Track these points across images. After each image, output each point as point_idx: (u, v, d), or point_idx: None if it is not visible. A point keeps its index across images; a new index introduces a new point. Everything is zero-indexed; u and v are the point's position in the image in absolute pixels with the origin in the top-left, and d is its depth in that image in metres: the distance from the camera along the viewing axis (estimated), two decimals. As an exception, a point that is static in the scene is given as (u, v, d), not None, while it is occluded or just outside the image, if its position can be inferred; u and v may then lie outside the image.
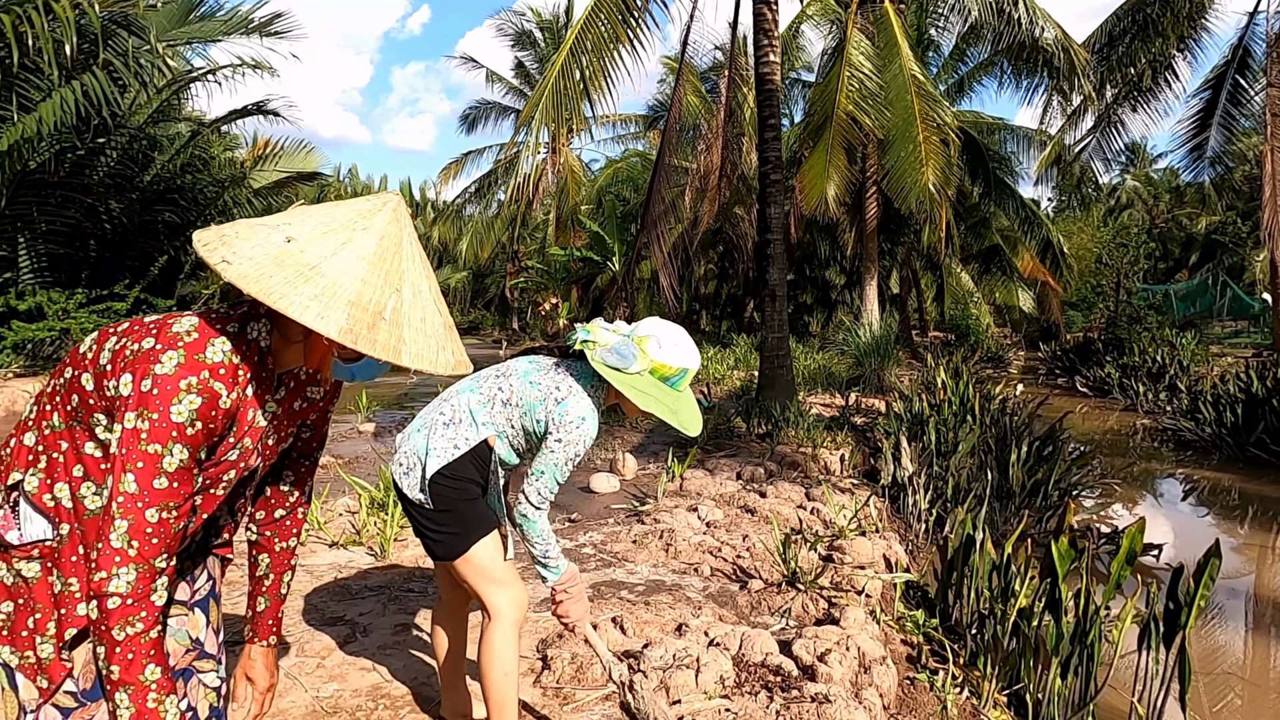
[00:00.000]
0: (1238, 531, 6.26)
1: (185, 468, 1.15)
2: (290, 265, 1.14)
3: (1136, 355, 14.13)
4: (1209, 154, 14.90)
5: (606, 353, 2.02)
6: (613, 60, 8.35)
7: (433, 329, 1.24)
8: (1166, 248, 35.61)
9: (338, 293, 1.14)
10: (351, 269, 1.17)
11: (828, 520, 4.77)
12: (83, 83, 10.05)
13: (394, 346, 1.17)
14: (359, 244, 1.20)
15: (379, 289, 1.18)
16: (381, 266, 1.20)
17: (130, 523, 1.11)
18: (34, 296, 11.19)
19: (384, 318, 1.17)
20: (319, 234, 1.19)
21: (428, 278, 1.28)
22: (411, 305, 1.22)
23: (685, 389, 2.12)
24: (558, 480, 2.03)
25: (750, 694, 2.64)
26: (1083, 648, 2.98)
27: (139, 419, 1.12)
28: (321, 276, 1.15)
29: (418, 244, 1.29)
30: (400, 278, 1.22)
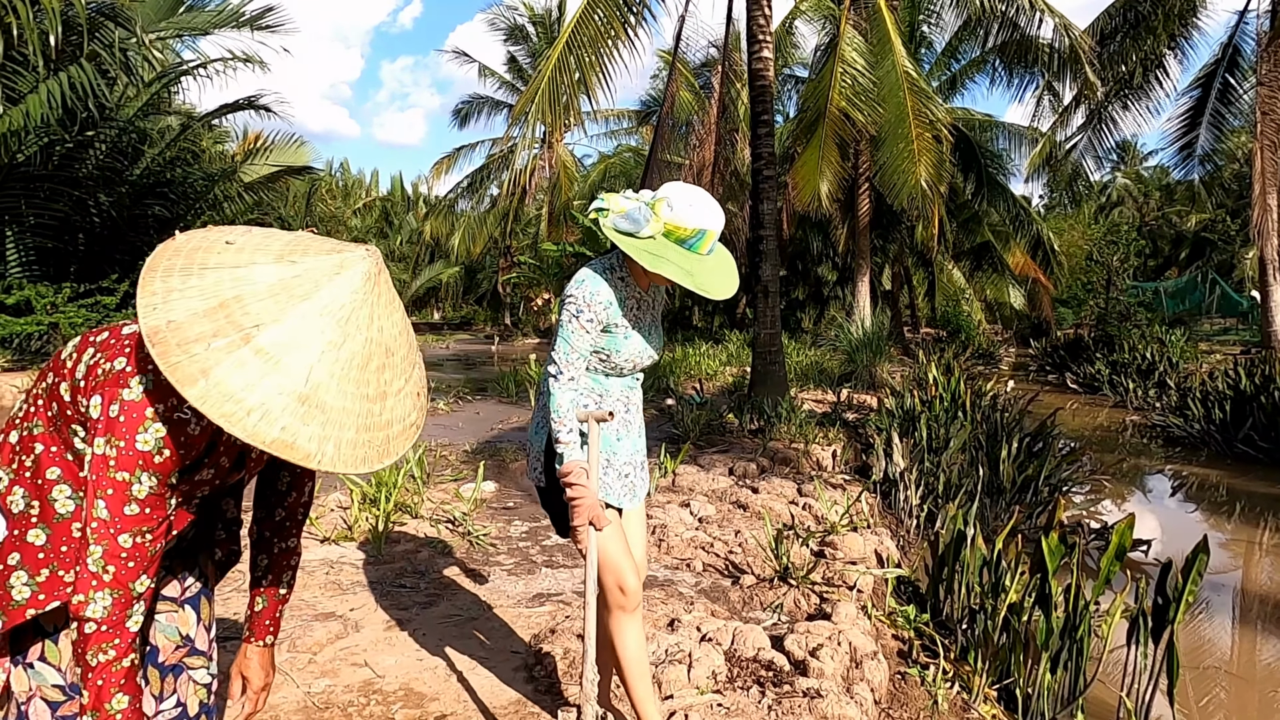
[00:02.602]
0: (1225, 527, 6.31)
1: (156, 494, 1.13)
2: (228, 348, 1.01)
3: (1126, 352, 14.21)
4: (1199, 152, 14.99)
5: (619, 219, 1.95)
6: (608, 55, 8.33)
7: (381, 418, 1.10)
8: (1156, 245, 35.81)
9: (280, 394, 1.02)
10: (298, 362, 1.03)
11: (819, 516, 4.78)
12: (69, 74, 9.97)
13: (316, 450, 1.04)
14: (311, 327, 1.04)
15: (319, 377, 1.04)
16: (336, 358, 1.06)
17: (104, 548, 1.10)
18: (21, 290, 11.11)
19: (320, 410, 1.04)
20: (268, 296, 1.05)
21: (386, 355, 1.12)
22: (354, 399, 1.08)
23: (710, 252, 1.99)
24: (567, 342, 1.97)
25: (742, 689, 2.65)
26: (1072, 642, 3.00)
27: (107, 445, 1.11)
28: (266, 366, 1.02)
29: (385, 312, 1.14)
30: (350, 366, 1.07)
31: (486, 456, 6.28)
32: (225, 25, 13.19)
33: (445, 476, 5.66)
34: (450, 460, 6.36)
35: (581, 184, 26.92)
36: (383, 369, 1.11)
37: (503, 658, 2.85)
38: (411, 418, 1.17)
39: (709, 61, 18.22)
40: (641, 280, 2.06)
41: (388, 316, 1.13)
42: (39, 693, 1.26)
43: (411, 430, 1.16)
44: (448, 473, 5.84)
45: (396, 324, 1.15)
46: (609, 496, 2.08)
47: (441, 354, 21.71)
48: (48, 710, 1.26)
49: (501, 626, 3.13)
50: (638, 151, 26.31)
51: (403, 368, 1.15)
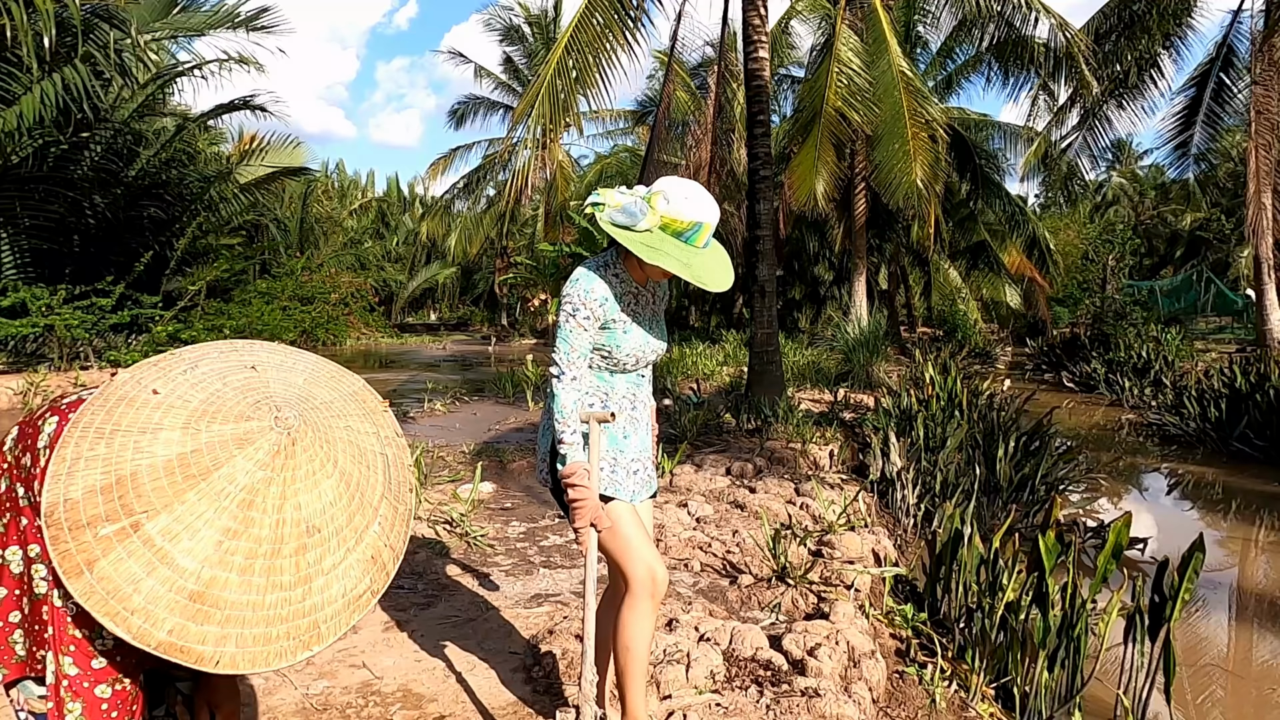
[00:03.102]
0: (1221, 525, 6.33)
1: (123, 644, 1.05)
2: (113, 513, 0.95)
3: (1122, 351, 14.24)
4: (1194, 151, 15.03)
5: (615, 213, 1.96)
6: (606, 59, 8.33)
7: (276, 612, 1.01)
8: (1152, 244, 35.89)
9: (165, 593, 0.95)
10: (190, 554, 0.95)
11: (817, 515, 4.79)
12: (63, 76, 9.95)
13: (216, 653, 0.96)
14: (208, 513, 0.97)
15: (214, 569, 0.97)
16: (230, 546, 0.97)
17: (83, 704, 1.04)
18: (17, 292, 11.07)
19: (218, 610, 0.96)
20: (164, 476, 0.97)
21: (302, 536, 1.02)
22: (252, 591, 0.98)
23: (706, 245, 2.01)
24: (566, 341, 1.98)
25: (741, 688, 2.65)
26: (1069, 641, 3.01)
27: (64, 601, 1.04)
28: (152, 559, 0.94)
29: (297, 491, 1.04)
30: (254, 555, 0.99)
31: (484, 457, 6.28)
32: (220, 26, 13.17)
33: (443, 477, 5.66)
34: (448, 461, 6.36)
35: (578, 184, 26.91)
36: (303, 550, 1.00)
37: (501, 658, 2.85)
38: (360, 587, 1.06)
39: (705, 62, 18.22)
40: (638, 275, 2.07)
41: (309, 490, 1.02)
42: (26, 706, 1.25)
43: (362, 600, 1.06)
44: (445, 474, 5.84)
45: (325, 494, 1.03)
46: (620, 493, 2.08)
47: (438, 355, 21.69)
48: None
49: (500, 627, 3.13)
50: (634, 152, 26.32)
51: (339, 540, 1.04)
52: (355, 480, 1.08)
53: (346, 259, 26.04)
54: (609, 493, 2.06)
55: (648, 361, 2.15)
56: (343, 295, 20.44)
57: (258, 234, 19.30)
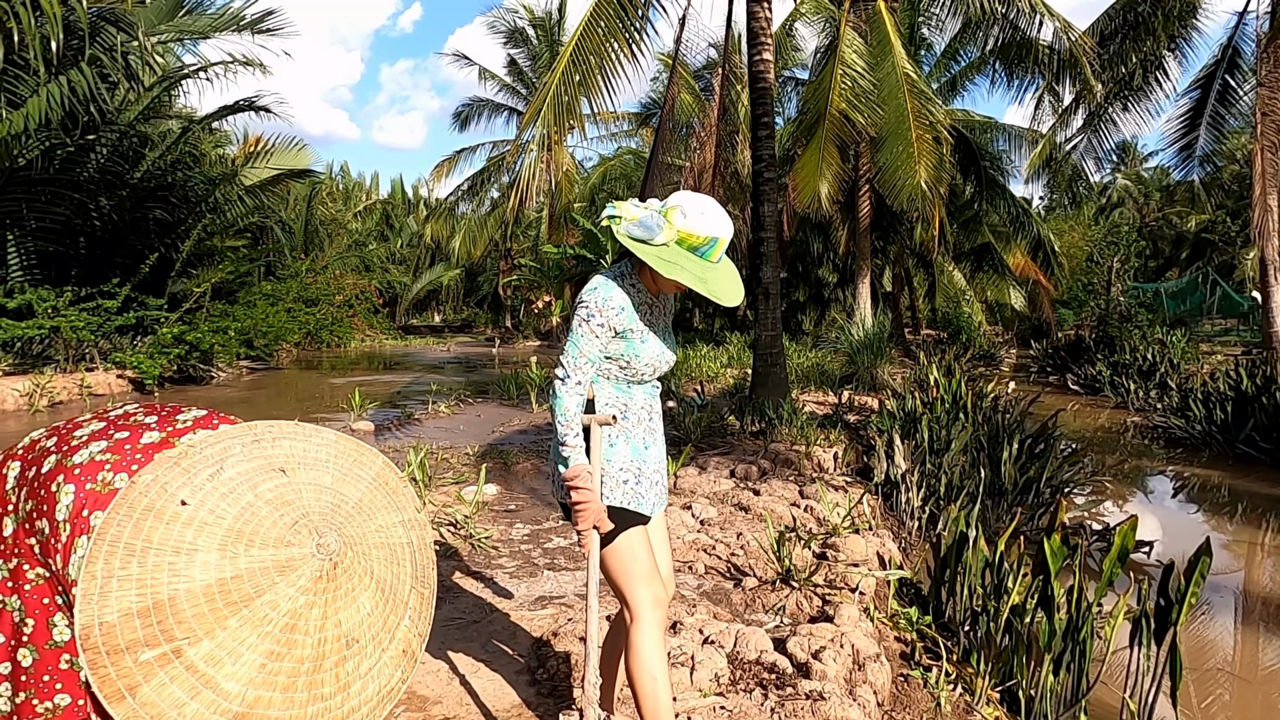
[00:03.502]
0: (1227, 528, 6.30)
1: None
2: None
3: (1127, 353, 14.20)
4: (1199, 153, 14.99)
5: (632, 226, 1.98)
6: (611, 65, 8.35)
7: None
8: (1157, 246, 35.81)
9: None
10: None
11: (821, 518, 4.78)
12: (70, 78, 9.99)
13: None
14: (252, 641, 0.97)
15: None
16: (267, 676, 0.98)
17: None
18: (23, 294, 11.11)
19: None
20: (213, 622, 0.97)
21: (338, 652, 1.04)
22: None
23: (720, 260, 2.04)
24: (576, 346, 1.98)
25: (745, 691, 2.65)
26: (1075, 644, 3.00)
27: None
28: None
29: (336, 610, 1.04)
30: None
31: (488, 459, 6.28)
32: (225, 29, 13.22)
33: (446, 479, 5.66)
34: (452, 463, 6.36)
35: (582, 187, 26.95)
36: (342, 662, 1.02)
37: (505, 661, 2.85)
38: (394, 681, 1.08)
39: (709, 64, 18.25)
40: (652, 286, 2.09)
41: (348, 607, 1.03)
42: None
43: (395, 692, 1.07)
44: (449, 475, 5.85)
45: (363, 608, 1.05)
46: (643, 507, 2.07)
47: (442, 356, 21.72)
48: None
49: (504, 629, 3.13)
50: (638, 154, 26.33)
51: (376, 643, 1.06)
52: (388, 584, 1.10)
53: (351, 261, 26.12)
54: (631, 506, 2.05)
55: (662, 372, 2.17)
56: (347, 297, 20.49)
57: (263, 236, 19.36)
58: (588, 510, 1.94)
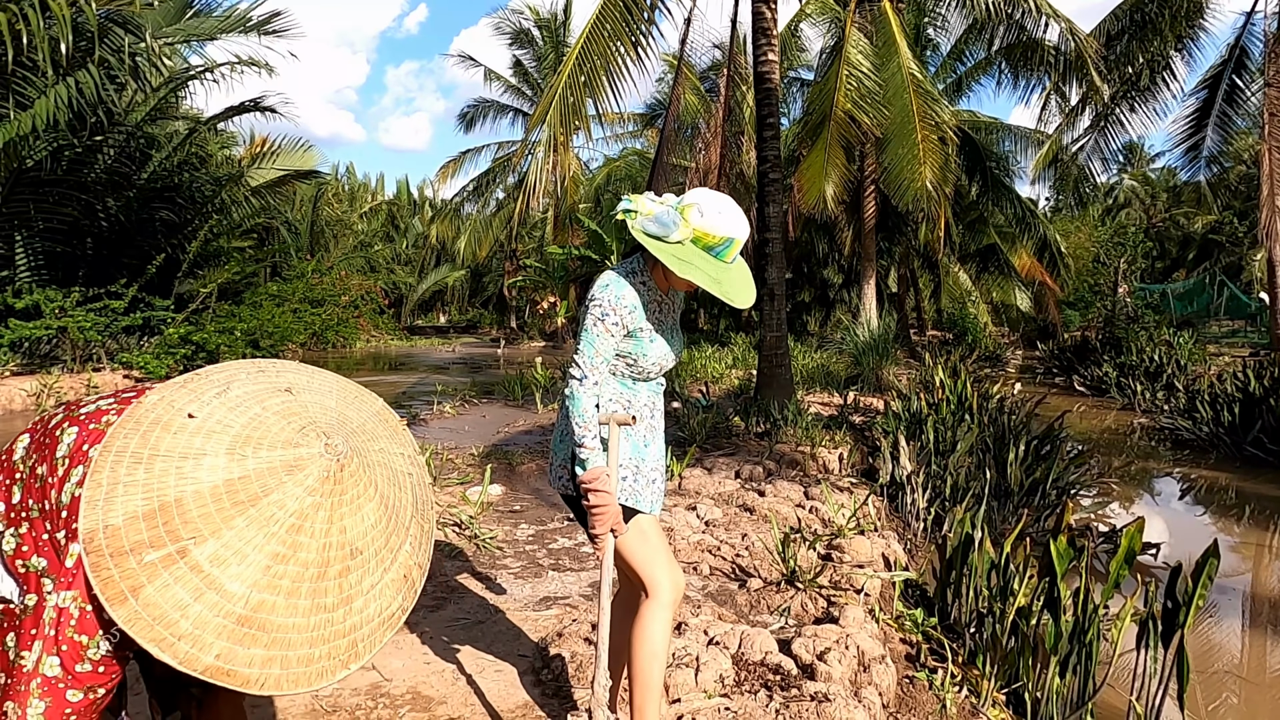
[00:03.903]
0: (1234, 530, 6.28)
1: (112, 655, 1.06)
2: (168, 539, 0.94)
3: (1134, 354, 14.16)
4: (1206, 154, 14.91)
5: (647, 221, 1.95)
6: (617, 67, 8.36)
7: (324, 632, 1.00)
8: (1164, 247, 35.68)
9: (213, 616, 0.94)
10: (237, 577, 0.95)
11: (826, 519, 4.77)
12: (78, 79, 10.03)
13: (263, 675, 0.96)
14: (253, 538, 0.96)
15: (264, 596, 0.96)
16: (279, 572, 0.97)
17: (48, 705, 1.02)
18: (31, 295, 11.17)
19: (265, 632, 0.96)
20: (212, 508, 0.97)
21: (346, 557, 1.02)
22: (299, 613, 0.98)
23: (734, 260, 2.01)
24: (591, 345, 1.96)
25: (750, 693, 2.65)
26: (1081, 646, 2.98)
27: (74, 602, 1.03)
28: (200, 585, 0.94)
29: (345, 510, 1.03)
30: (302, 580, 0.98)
31: (493, 460, 6.29)
32: (232, 30, 13.27)
33: (451, 480, 5.67)
34: (456, 464, 6.37)
35: (587, 188, 26.96)
36: (346, 572, 1.01)
37: (510, 661, 2.85)
38: (392, 607, 1.06)
39: (714, 65, 18.26)
40: (662, 283, 2.07)
41: (354, 513, 1.02)
42: None
43: (394, 618, 1.07)
44: (454, 476, 5.85)
45: (367, 518, 1.04)
46: (641, 503, 2.07)
47: (448, 357, 21.75)
48: None
49: (509, 630, 3.14)
50: (643, 155, 26.35)
51: (378, 560, 1.04)
52: (391, 503, 1.08)
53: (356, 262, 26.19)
54: (630, 503, 2.05)
55: (668, 369, 2.15)
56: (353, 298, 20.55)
57: (269, 237, 19.42)
58: (606, 514, 1.92)
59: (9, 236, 11.59)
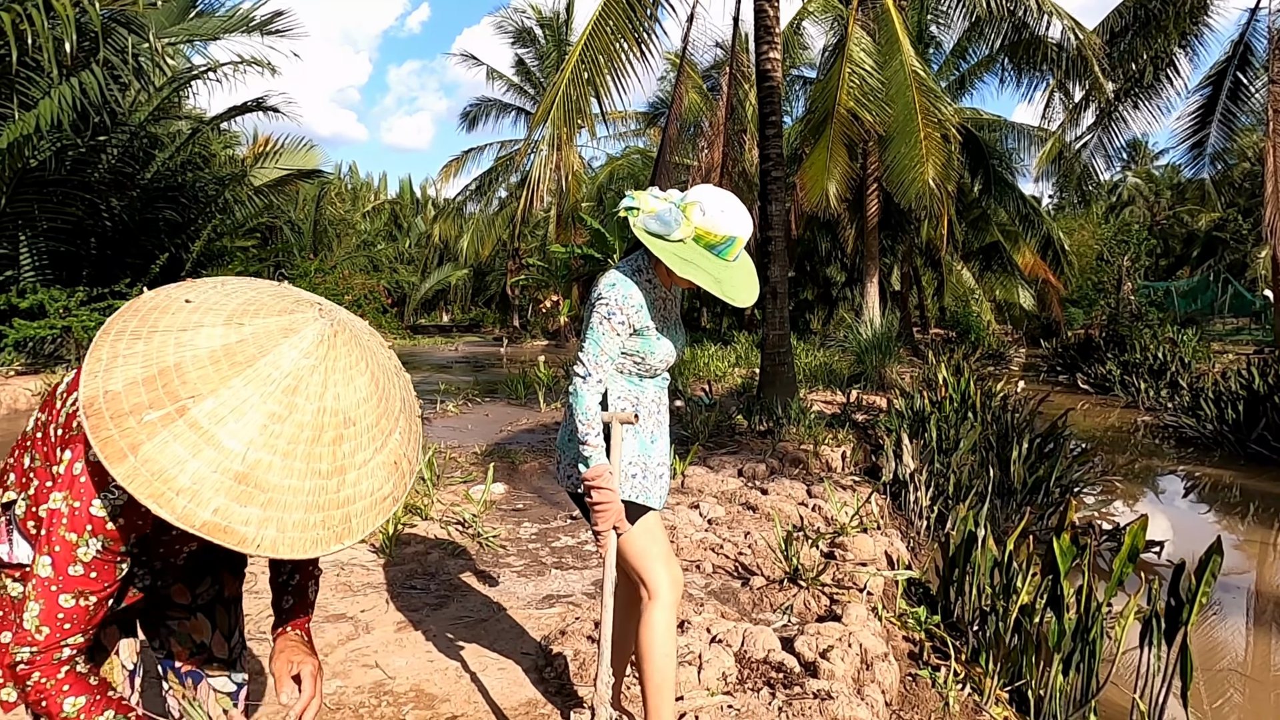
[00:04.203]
0: (1239, 528, 6.26)
1: (103, 559, 1.07)
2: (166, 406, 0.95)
3: (1138, 352, 14.13)
4: (1210, 151, 14.88)
5: (649, 219, 1.94)
6: (620, 65, 8.36)
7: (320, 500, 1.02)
8: (1168, 244, 35.59)
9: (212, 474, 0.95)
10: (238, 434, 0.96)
11: (829, 517, 4.77)
12: (81, 80, 10.06)
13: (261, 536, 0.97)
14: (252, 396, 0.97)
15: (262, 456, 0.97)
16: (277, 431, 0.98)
17: (42, 606, 1.05)
18: (35, 294, 11.19)
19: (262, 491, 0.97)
20: (209, 363, 0.98)
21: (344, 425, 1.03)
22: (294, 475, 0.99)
23: (737, 259, 2.00)
24: (597, 344, 1.96)
25: (753, 690, 2.65)
26: (1084, 644, 2.98)
27: (64, 501, 1.05)
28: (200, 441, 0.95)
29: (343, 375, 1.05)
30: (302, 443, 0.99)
31: (496, 458, 6.29)
32: (235, 30, 13.28)
33: (455, 478, 5.68)
34: (460, 462, 6.38)
35: (589, 186, 26.97)
36: (339, 440, 1.02)
37: (514, 659, 2.86)
38: (384, 490, 1.07)
39: (716, 63, 18.22)
40: (665, 280, 2.07)
41: (347, 382, 1.03)
42: None
43: (384, 504, 1.07)
44: (457, 475, 5.86)
45: (359, 390, 1.05)
46: (650, 500, 2.07)
47: (450, 356, 21.77)
48: None
49: (512, 628, 3.14)
50: (645, 153, 26.34)
51: (370, 437, 1.05)
52: (382, 384, 1.10)
53: (359, 261, 26.20)
54: (639, 500, 2.05)
55: (672, 365, 2.16)
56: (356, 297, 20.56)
57: (272, 236, 19.45)
58: (609, 511, 1.93)
59: (13, 236, 11.61)
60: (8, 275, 11.59)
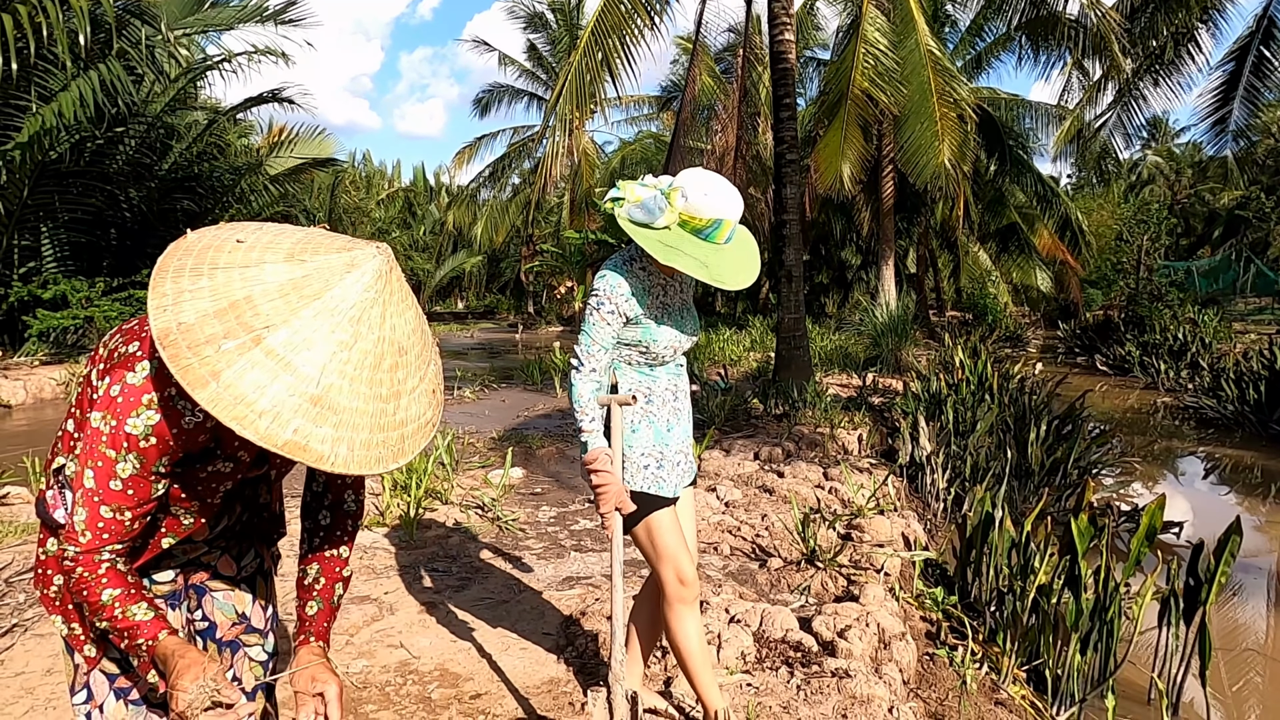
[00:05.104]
0: (1259, 510, 6.22)
1: (139, 476, 1.14)
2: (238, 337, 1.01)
3: (1157, 333, 13.98)
4: (1232, 127, 14.61)
5: (634, 209, 1.94)
6: (634, 45, 8.34)
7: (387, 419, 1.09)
8: (1189, 224, 35.08)
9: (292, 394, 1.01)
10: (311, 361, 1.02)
11: (846, 499, 4.79)
12: (99, 73, 10.13)
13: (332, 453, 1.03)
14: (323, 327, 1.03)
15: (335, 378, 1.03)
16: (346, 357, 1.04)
17: (87, 513, 1.14)
18: (57, 285, 11.34)
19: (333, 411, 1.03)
20: (278, 296, 1.04)
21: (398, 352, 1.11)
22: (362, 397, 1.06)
23: (728, 240, 1.97)
24: (588, 335, 2.00)
25: (771, 669, 2.68)
26: (1102, 624, 2.99)
27: (102, 420, 1.13)
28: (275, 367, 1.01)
29: (396, 310, 1.11)
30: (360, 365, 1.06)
31: (513, 443, 6.35)
32: (249, 20, 13.31)
33: (473, 463, 5.73)
34: (478, 447, 6.43)
35: (603, 171, 26.88)
36: (395, 368, 1.09)
37: (535, 639, 2.90)
38: (427, 415, 1.15)
39: (729, 46, 18.08)
40: (664, 267, 2.06)
41: (400, 314, 1.11)
42: (100, 665, 1.33)
43: (428, 428, 1.14)
44: (475, 459, 5.92)
45: (409, 321, 1.13)
46: (664, 489, 2.08)
47: (466, 343, 21.86)
48: (106, 681, 1.33)
49: (533, 609, 3.19)
50: (658, 138, 26.21)
51: (416, 365, 1.13)
52: (419, 316, 1.18)
53: (374, 249, 26.26)
54: (653, 490, 2.07)
55: (684, 350, 2.16)
56: (371, 285, 20.63)
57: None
58: (608, 492, 1.97)
59: (35, 228, 11.76)
60: (30, 266, 11.74)
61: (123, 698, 1.34)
